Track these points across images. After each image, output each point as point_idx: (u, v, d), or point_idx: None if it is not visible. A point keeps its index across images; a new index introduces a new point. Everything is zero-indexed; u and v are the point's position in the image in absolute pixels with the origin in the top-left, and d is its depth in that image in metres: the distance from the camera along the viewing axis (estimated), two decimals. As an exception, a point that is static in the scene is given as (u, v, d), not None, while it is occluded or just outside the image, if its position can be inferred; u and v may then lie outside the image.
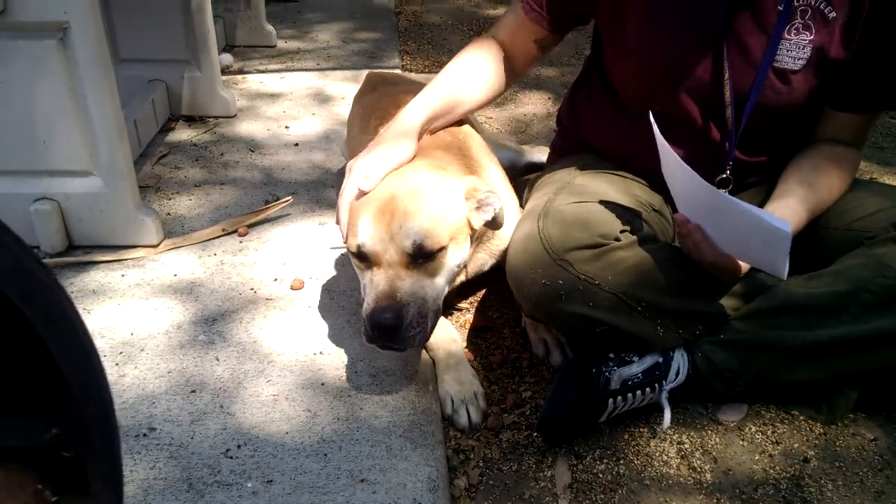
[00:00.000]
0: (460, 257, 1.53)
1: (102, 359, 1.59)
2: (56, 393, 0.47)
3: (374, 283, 1.45)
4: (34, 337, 0.42)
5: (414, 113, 1.64)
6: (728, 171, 1.62)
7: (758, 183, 1.68)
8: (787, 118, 1.60)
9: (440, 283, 1.50)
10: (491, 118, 3.01)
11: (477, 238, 1.65)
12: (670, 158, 1.42)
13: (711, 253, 1.41)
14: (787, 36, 1.49)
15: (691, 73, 1.55)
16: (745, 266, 1.45)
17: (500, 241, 1.75)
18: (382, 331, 1.41)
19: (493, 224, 1.58)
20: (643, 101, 1.62)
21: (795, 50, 1.49)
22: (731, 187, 1.63)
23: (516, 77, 1.83)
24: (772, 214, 1.33)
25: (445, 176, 1.54)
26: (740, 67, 1.52)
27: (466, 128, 1.85)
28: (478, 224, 1.55)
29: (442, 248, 1.45)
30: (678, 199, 1.50)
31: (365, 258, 1.47)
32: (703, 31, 1.52)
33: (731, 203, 1.34)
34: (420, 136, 1.64)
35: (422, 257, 1.44)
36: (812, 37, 1.49)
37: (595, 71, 1.78)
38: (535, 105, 3.17)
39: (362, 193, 1.50)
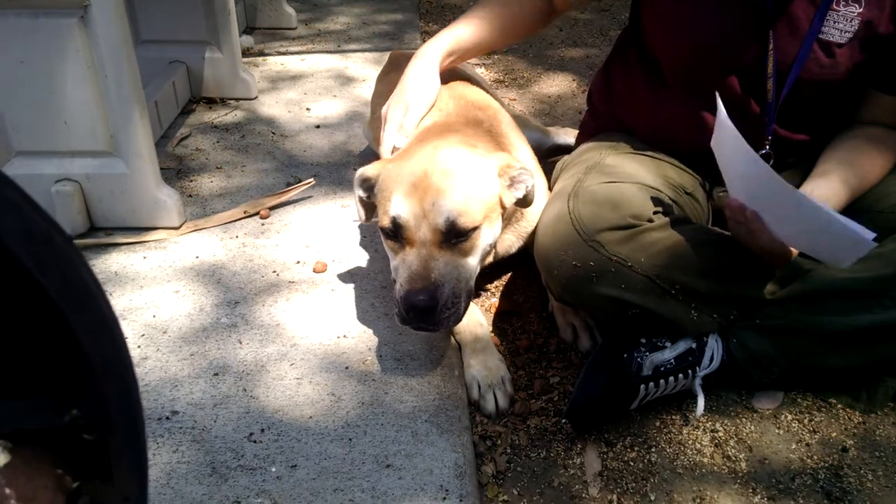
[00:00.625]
0: (492, 236, 1.49)
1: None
2: (76, 371, 0.44)
3: (408, 263, 1.41)
4: (52, 309, 0.39)
5: (435, 45, 1.71)
6: (768, 146, 1.57)
7: (796, 164, 1.62)
8: (828, 95, 1.54)
9: (473, 263, 1.46)
10: (515, 100, 2.96)
11: (507, 217, 1.61)
12: (736, 144, 1.31)
13: (767, 240, 1.36)
14: (834, 7, 1.43)
15: (735, 43, 1.49)
16: (794, 251, 1.39)
17: (527, 222, 1.71)
18: (417, 312, 1.37)
19: (524, 202, 1.54)
20: (683, 70, 1.58)
21: (843, 22, 1.43)
22: (772, 162, 1.57)
23: (557, 14, 1.82)
24: (856, 223, 1.25)
25: (478, 153, 1.50)
26: (785, 38, 1.47)
27: (496, 104, 1.81)
28: (510, 202, 1.51)
29: (476, 228, 1.41)
30: (733, 182, 1.41)
31: (397, 236, 1.43)
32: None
33: (811, 206, 1.26)
34: (441, 68, 1.71)
35: (455, 236, 1.40)
36: (861, 9, 1.42)
37: (632, 45, 1.73)
38: (560, 86, 3.11)
39: (397, 150, 1.57)
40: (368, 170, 1.54)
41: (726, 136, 1.35)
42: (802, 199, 1.28)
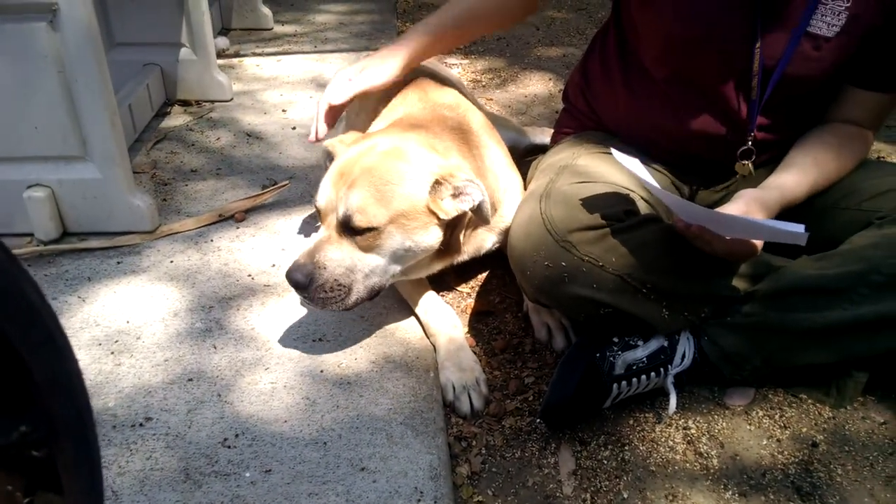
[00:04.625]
0: (411, 243, 1.49)
1: (97, 347, 1.57)
2: (23, 387, 0.44)
3: (309, 240, 1.49)
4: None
5: (412, 33, 1.75)
6: (750, 142, 1.58)
7: (767, 162, 1.64)
8: (812, 91, 1.55)
9: (377, 261, 1.48)
10: (491, 99, 2.97)
11: (472, 223, 1.61)
12: (645, 181, 1.41)
13: (724, 244, 1.37)
14: (822, 1, 1.44)
15: (721, 33, 1.50)
16: (759, 242, 1.41)
17: (502, 218, 1.71)
18: (293, 285, 1.47)
19: (479, 216, 1.52)
20: (667, 61, 1.58)
21: (830, 16, 1.45)
22: (753, 158, 1.59)
23: (533, 12, 1.84)
24: (782, 221, 1.30)
25: (423, 156, 1.50)
26: (773, 31, 1.48)
27: (466, 103, 1.81)
28: (450, 213, 1.49)
29: (374, 228, 1.44)
30: (672, 207, 1.45)
31: (319, 216, 1.52)
32: None
33: (733, 217, 1.33)
34: (411, 58, 1.73)
35: (351, 230, 1.45)
36: (848, 4, 1.44)
37: (612, 40, 1.73)
38: (537, 86, 3.12)
39: (331, 108, 1.72)
40: (332, 143, 1.64)
41: (646, 183, 1.42)
42: (721, 215, 1.34)
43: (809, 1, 1.45)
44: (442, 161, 1.51)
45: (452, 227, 1.57)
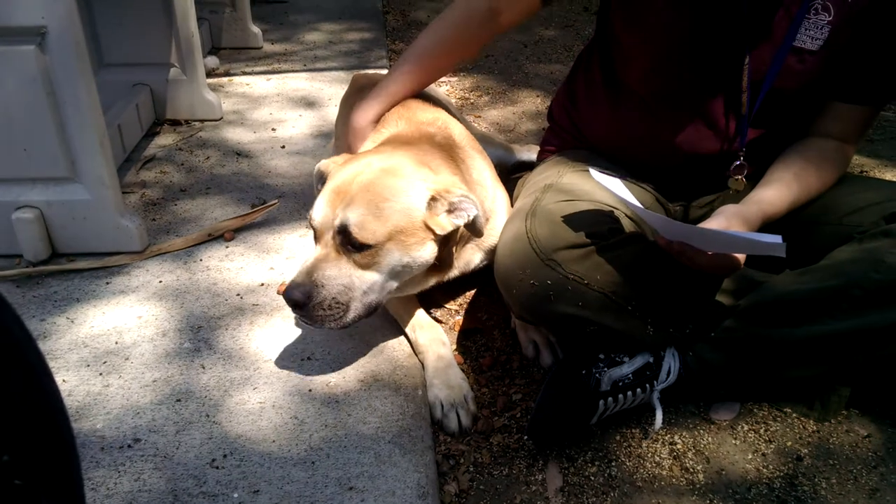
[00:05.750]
0: (408, 259, 1.50)
1: (86, 368, 1.57)
2: (4, 418, 0.45)
3: (306, 258, 1.49)
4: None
5: (378, 101, 1.86)
6: (742, 157, 1.60)
7: (752, 176, 1.66)
8: (798, 107, 1.57)
9: (375, 278, 1.49)
10: (479, 117, 2.99)
11: (463, 239, 1.63)
12: (625, 198, 1.42)
13: (706, 259, 1.39)
14: (807, 15, 1.47)
15: (708, 48, 1.52)
16: (742, 256, 1.42)
17: (489, 237, 1.73)
18: (291, 304, 1.46)
19: (473, 230, 1.55)
20: (655, 80, 1.60)
21: (814, 30, 1.47)
22: (746, 173, 1.62)
23: (505, 29, 1.86)
24: (760, 234, 1.32)
25: (417, 173, 1.51)
26: (760, 47, 1.50)
27: (445, 115, 1.84)
28: (445, 228, 1.51)
29: (372, 246, 1.45)
30: (653, 225, 1.47)
31: (314, 234, 1.51)
32: (726, 6, 1.49)
33: (713, 232, 1.35)
34: (387, 106, 1.86)
35: (350, 246, 1.45)
36: (831, 18, 1.47)
37: (596, 58, 1.75)
38: (525, 103, 3.15)
39: None
40: (325, 164, 1.63)
41: (626, 201, 1.43)
42: (702, 230, 1.35)
43: (795, 15, 1.48)
44: (436, 177, 1.52)
45: (446, 242, 1.59)
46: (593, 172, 1.47)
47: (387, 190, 1.46)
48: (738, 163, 1.61)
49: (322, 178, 1.63)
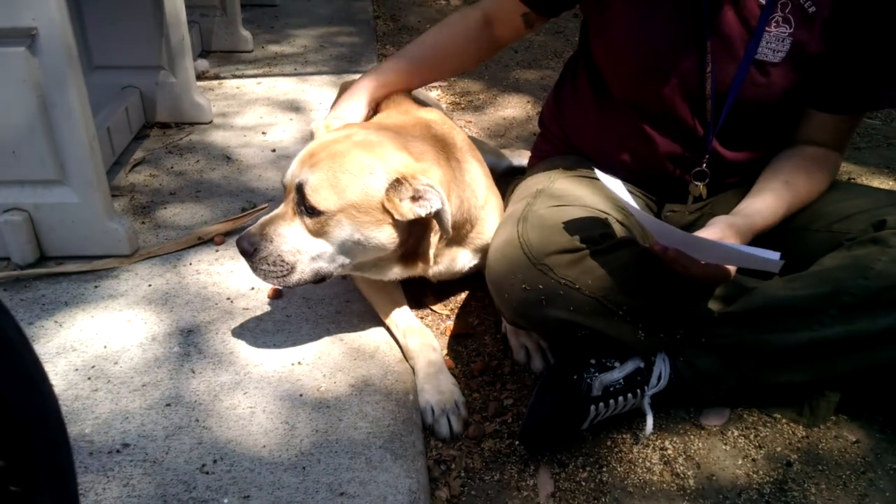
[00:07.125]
0: (360, 237, 1.50)
1: (74, 373, 1.56)
2: (0, 424, 0.44)
3: (266, 212, 1.53)
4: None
5: (369, 77, 1.86)
6: (704, 164, 1.62)
7: (736, 185, 1.68)
8: (766, 115, 1.59)
9: (325, 247, 1.51)
10: (470, 122, 3.00)
11: (438, 233, 1.60)
12: (626, 201, 1.43)
13: (700, 268, 1.39)
14: (767, 28, 1.48)
15: (673, 63, 1.54)
16: (733, 268, 1.44)
17: (479, 235, 1.73)
18: (239, 251, 1.51)
19: (440, 224, 1.53)
20: (628, 89, 1.63)
21: (775, 42, 1.49)
22: (707, 181, 1.63)
23: (499, 48, 1.94)
24: (758, 248, 1.33)
25: (392, 154, 1.51)
26: (723, 59, 1.52)
27: (451, 122, 1.86)
28: (406, 215, 1.49)
29: (323, 213, 1.46)
30: (651, 230, 1.47)
31: (284, 191, 1.55)
32: (687, 21, 1.51)
33: (711, 242, 1.35)
34: (372, 100, 1.85)
35: (304, 208, 1.48)
36: (791, 30, 1.48)
37: (581, 65, 1.77)
38: (515, 109, 3.15)
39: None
40: (316, 126, 1.67)
41: (625, 202, 1.44)
42: (699, 239, 1.36)
43: (755, 29, 1.49)
44: (410, 161, 1.51)
45: (417, 234, 1.58)
46: (598, 172, 1.48)
47: (350, 162, 1.47)
48: (698, 169, 1.63)
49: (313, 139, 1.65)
